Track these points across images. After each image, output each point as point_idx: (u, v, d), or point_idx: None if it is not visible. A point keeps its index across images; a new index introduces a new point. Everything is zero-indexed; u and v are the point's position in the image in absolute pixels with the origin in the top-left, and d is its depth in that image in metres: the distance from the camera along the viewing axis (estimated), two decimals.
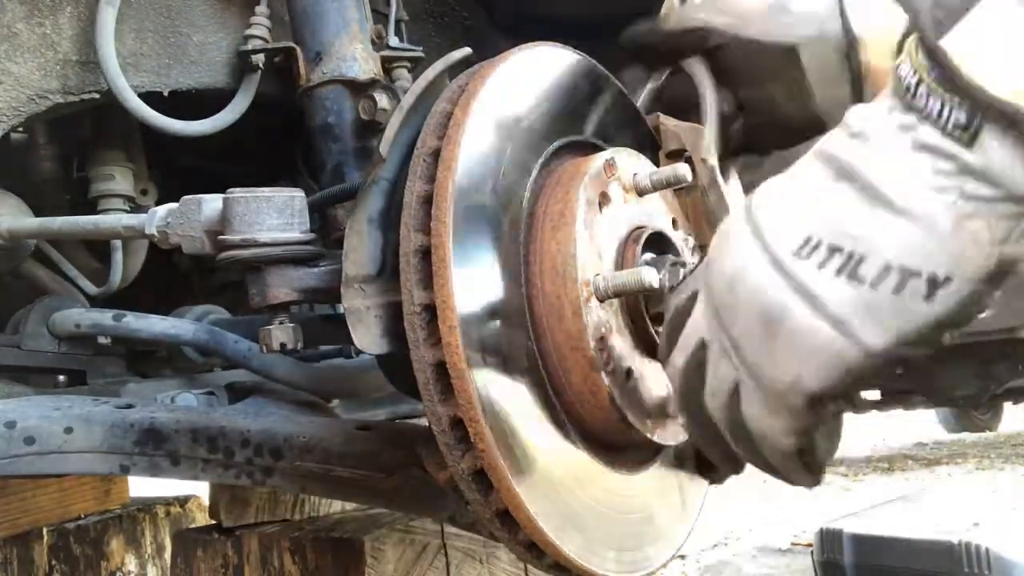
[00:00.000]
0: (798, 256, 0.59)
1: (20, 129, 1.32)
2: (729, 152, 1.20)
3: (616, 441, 0.95)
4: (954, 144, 0.53)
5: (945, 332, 0.56)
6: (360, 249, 0.92)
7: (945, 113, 0.54)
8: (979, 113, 0.52)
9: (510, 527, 0.87)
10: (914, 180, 0.54)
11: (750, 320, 0.62)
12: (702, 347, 0.70)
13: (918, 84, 0.55)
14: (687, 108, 1.17)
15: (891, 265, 0.55)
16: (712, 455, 0.76)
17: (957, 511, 2.53)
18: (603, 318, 0.88)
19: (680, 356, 0.73)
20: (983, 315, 0.56)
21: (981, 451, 5.99)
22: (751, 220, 0.64)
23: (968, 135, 0.53)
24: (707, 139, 1.10)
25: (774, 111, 1.19)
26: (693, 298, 0.73)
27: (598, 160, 0.94)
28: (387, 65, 1.42)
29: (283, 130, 1.70)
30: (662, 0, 1.23)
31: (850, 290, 0.56)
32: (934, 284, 0.54)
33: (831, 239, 0.57)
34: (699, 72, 1.17)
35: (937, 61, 0.54)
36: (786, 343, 0.59)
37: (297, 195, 1.04)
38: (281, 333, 1.01)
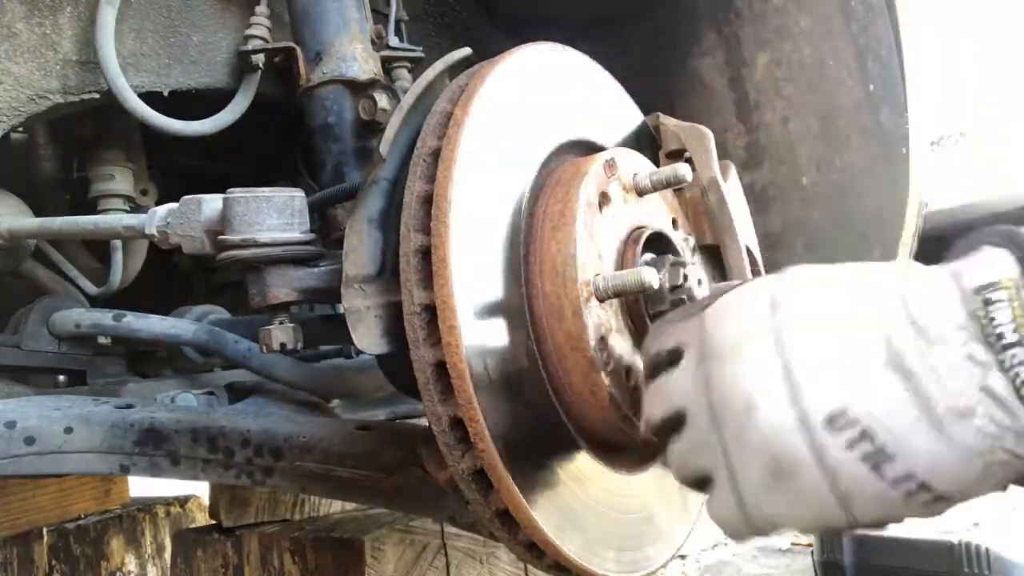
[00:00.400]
0: (830, 426, 0.60)
1: (20, 129, 1.32)
2: None
3: (616, 441, 0.95)
4: (1022, 407, 0.57)
5: None
6: (360, 249, 0.92)
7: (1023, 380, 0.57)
8: None
9: (510, 527, 0.86)
10: (970, 418, 0.58)
11: (757, 455, 0.63)
12: (680, 415, 0.71)
13: (1015, 344, 0.57)
14: None
15: (915, 476, 0.59)
16: None
17: (957, 511, 2.52)
18: (603, 318, 0.88)
19: (658, 409, 0.74)
20: None
21: None
22: (780, 344, 0.64)
23: None
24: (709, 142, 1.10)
25: None
26: (677, 355, 0.73)
27: (598, 160, 0.94)
28: (387, 65, 1.42)
29: (283, 130, 1.70)
30: (658, 0, 1.23)
31: (868, 479, 0.60)
32: (940, 499, 0.60)
33: (868, 424, 0.60)
34: None
35: None
36: (785, 493, 0.62)
37: (297, 195, 1.04)
38: (281, 333, 1.01)
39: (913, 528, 2.34)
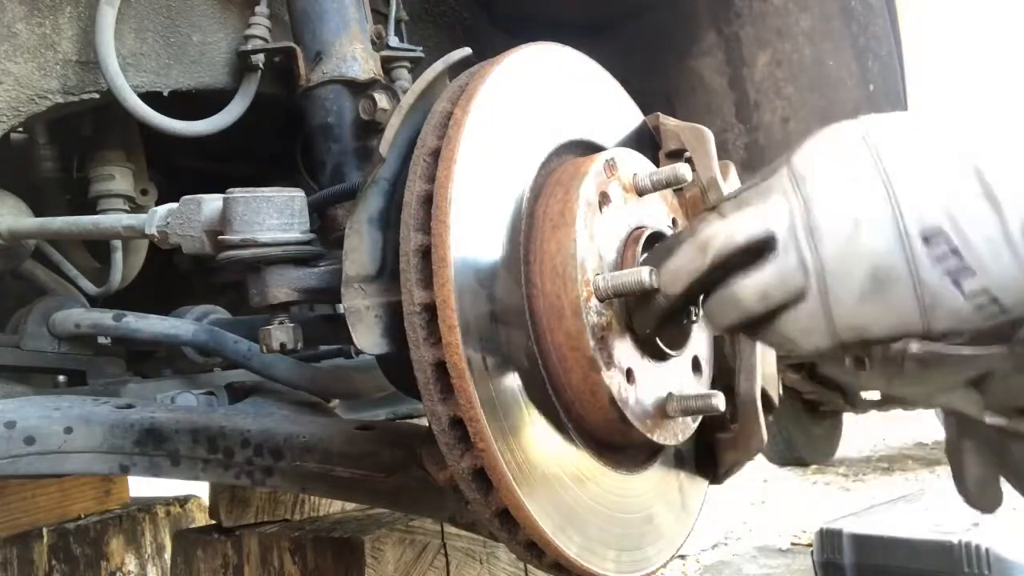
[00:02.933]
0: (925, 241, 0.69)
1: (20, 129, 1.32)
2: None
3: (616, 441, 0.95)
4: None
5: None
6: (360, 249, 0.92)
7: None
8: None
9: (510, 527, 0.87)
10: None
11: (858, 268, 0.71)
12: (769, 238, 0.75)
13: None
14: None
15: (989, 291, 0.68)
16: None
17: (957, 511, 2.52)
18: (603, 318, 0.88)
19: (743, 230, 0.76)
20: None
21: None
22: (879, 171, 0.71)
23: None
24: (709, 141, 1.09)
25: None
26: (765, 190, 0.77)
27: (598, 160, 0.94)
28: (387, 65, 1.42)
29: (283, 130, 1.70)
30: (658, 0, 1.23)
31: (950, 291, 0.69)
32: (1003, 313, 0.69)
33: (957, 242, 0.68)
34: None
35: None
36: (877, 303, 0.71)
37: (297, 195, 1.04)
38: (281, 333, 1.01)
39: (913, 528, 2.34)
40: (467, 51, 1.01)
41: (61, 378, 1.47)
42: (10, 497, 2.32)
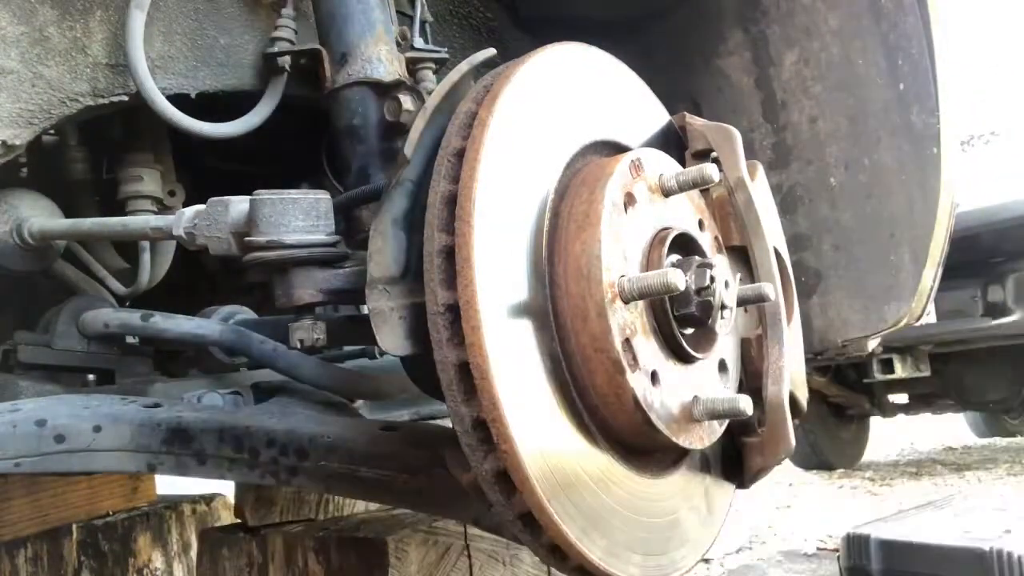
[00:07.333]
0: None
1: (51, 132, 1.34)
2: None
3: (641, 444, 0.94)
4: None
5: None
6: (384, 251, 0.92)
7: None
8: None
9: (533, 529, 0.86)
10: None
11: None
12: None
13: None
14: None
15: None
16: None
17: (988, 517, 2.48)
18: (628, 320, 0.88)
19: None
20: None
21: (1012, 456, 5.88)
22: None
23: None
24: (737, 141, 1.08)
25: None
26: None
27: (624, 160, 0.93)
28: (412, 66, 1.42)
29: (308, 131, 1.70)
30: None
31: None
32: None
33: None
34: None
35: None
36: None
37: (323, 197, 1.04)
38: (305, 334, 1.02)
39: (942, 534, 2.30)
40: (492, 52, 1.01)
41: (90, 377, 1.49)
42: (41, 494, 2.36)
